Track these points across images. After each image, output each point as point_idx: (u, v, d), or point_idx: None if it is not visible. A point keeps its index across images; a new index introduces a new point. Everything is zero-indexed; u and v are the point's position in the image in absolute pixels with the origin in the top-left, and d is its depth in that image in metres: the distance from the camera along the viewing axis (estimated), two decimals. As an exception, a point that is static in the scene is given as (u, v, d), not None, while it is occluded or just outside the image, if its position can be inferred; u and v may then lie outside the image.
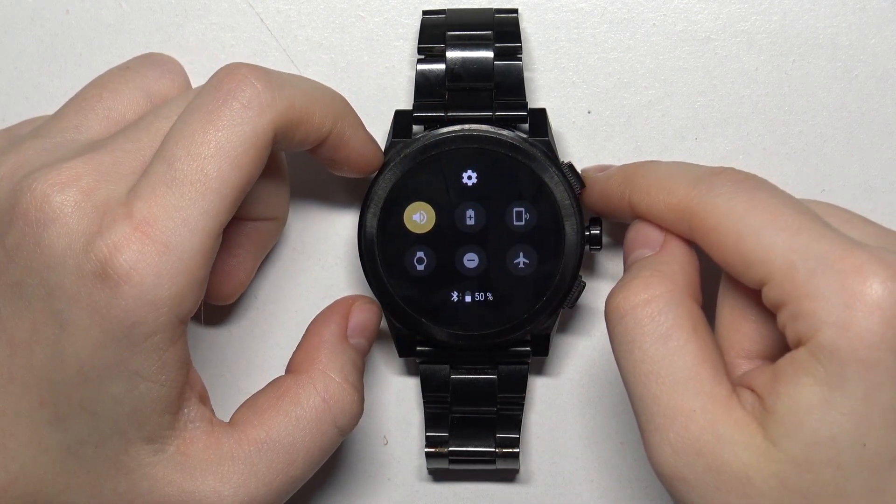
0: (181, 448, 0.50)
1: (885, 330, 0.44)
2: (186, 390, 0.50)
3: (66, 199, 0.48)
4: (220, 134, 0.49)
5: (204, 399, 0.52)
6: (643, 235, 0.52)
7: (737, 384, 0.48)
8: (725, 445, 0.46)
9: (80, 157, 0.49)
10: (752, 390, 0.48)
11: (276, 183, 0.56)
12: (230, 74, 0.50)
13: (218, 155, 0.49)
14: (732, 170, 0.50)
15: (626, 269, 0.52)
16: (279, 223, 0.58)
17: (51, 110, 0.58)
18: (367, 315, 0.56)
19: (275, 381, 0.53)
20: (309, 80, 0.53)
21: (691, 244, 0.51)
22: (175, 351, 0.49)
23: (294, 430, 0.52)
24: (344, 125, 0.53)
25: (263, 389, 0.53)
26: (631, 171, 0.53)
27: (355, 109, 0.54)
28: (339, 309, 0.55)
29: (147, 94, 0.54)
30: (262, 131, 0.49)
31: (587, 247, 0.56)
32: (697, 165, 0.52)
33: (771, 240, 0.46)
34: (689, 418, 0.47)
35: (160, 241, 0.47)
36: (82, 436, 0.49)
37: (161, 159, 0.49)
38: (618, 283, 0.50)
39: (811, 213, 0.47)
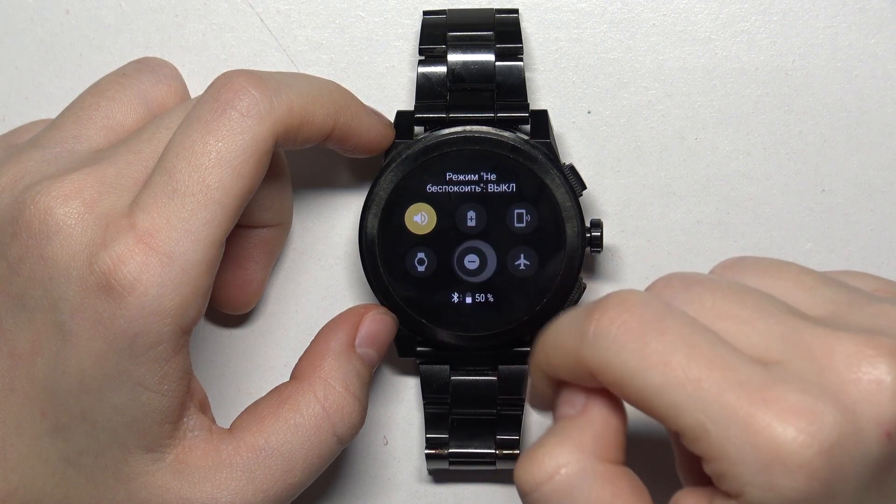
0: (180, 456, 0.50)
1: (809, 484, 0.42)
2: (187, 399, 0.50)
3: (69, 212, 0.48)
4: (219, 144, 0.49)
5: (204, 407, 0.52)
6: (567, 395, 0.47)
7: None
8: None
9: (83, 168, 0.50)
10: None
11: (278, 188, 0.56)
12: (227, 84, 0.50)
13: (218, 165, 0.49)
14: (606, 306, 0.44)
15: None
16: (284, 228, 0.58)
17: (51, 111, 0.58)
18: (379, 326, 0.55)
19: (277, 387, 0.53)
20: (306, 77, 0.53)
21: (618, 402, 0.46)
22: (177, 361, 0.49)
23: (293, 437, 0.52)
24: (347, 116, 0.54)
25: (265, 396, 0.53)
26: (534, 346, 0.48)
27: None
28: (350, 317, 0.55)
29: (144, 101, 0.54)
30: (262, 139, 0.50)
31: (588, 248, 0.56)
32: (582, 308, 0.46)
33: (674, 398, 0.43)
34: None
35: (163, 251, 0.48)
36: (82, 446, 0.49)
37: (162, 170, 0.49)
38: (526, 451, 0.46)
39: (706, 350, 0.43)
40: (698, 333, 0.44)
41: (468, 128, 0.56)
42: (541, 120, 0.56)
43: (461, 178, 0.55)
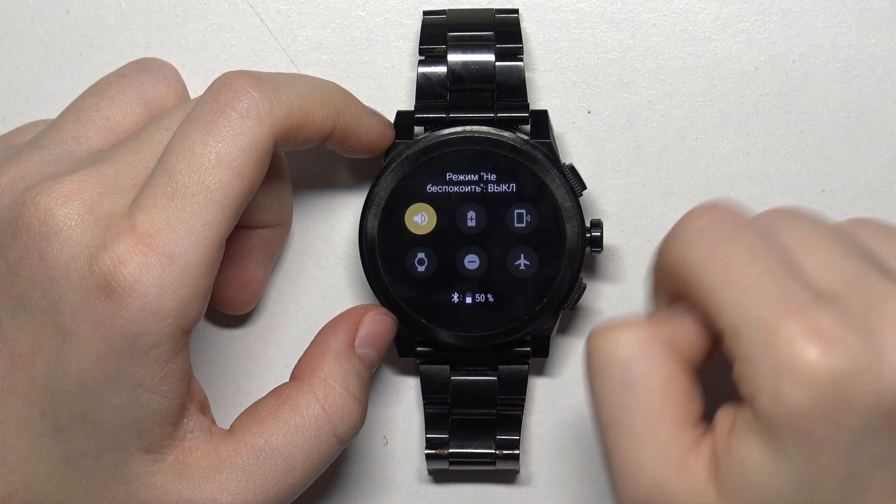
0: (180, 457, 0.50)
1: (813, 402, 0.43)
2: (187, 400, 0.50)
3: (69, 213, 0.48)
4: (219, 145, 0.49)
5: (204, 408, 0.52)
6: (672, 307, 0.48)
7: (707, 430, 0.47)
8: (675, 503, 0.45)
9: (83, 169, 0.50)
10: (714, 436, 0.46)
11: (278, 188, 0.56)
12: (227, 85, 0.50)
13: (218, 166, 0.49)
14: (693, 210, 0.47)
15: None
16: (284, 229, 0.58)
17: (51, 111, 0.58)
18: (379, 326, 0.55)
19: (277, 388, 0.53)
20: (306, 77, 0.53)
21: None
22: (177, 362, 0.49)
23: (293, 438, 0.52)
24: (346, 117, 0.54)
25: (265, 397, 0.53)
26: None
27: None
28: (350, 317, 0.55)
29: (144, 101, 0.54)
30: (262, 140, 0.50)
31: (588, 249, 0.56)
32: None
33: (723, 297, 0.45)
34: (639, 473, 0.45)
35: (163, 252, 0.48)
36: (82, 447, 0.49)
37: (162, 171, 0.49)
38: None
39: (769, 263, 0.45)
40: (766, 249, 0.45)
41: (468, 128, 0.56)
42: (541, 120, 0.56)
43: (461, 178, 0.56)
